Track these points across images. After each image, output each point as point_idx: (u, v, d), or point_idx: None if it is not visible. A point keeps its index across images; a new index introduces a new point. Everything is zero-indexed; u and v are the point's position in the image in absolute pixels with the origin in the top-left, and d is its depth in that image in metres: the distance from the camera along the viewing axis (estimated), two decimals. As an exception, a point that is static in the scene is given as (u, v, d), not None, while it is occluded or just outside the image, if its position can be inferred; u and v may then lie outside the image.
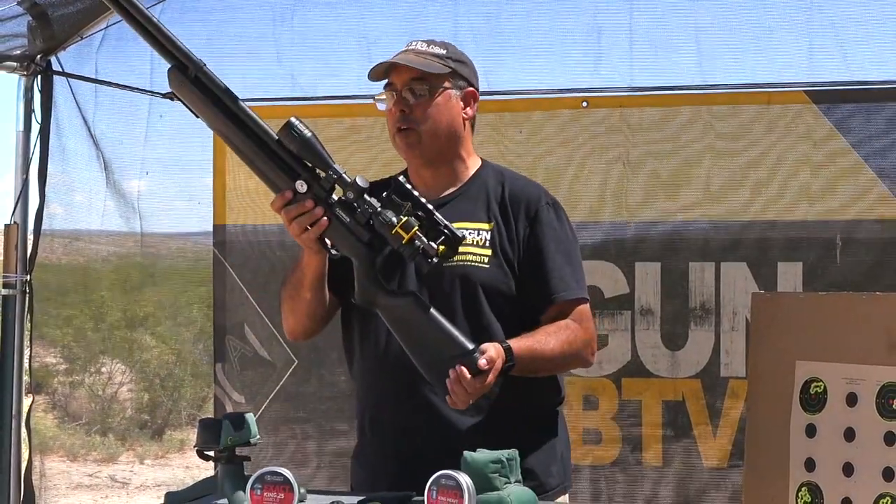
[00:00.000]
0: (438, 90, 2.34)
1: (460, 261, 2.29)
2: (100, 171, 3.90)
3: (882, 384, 2.12)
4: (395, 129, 2.37)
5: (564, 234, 2.38)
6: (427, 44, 2.38)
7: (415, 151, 2.37)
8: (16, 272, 3.64)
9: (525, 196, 2.37)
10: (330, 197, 2.20)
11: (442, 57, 2.36)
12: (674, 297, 3.51)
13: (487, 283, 2.30)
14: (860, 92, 3.41)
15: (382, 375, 2.35)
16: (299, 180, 2.19)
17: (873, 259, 3.39)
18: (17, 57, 3.61)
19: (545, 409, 2.42)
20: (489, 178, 2.41)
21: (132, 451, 8.16)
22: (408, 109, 2.34)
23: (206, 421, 2.18)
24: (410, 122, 2.34)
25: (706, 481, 3.49)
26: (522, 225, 2.34)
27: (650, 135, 3.55)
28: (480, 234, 2.34)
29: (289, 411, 3.76)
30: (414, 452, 2.29)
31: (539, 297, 2.32)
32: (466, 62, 2.42)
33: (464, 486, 1.93)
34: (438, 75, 2.34)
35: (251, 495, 2.04)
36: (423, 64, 2.33)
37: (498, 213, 2.35)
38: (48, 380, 5.00)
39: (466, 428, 2.29)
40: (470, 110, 2.40)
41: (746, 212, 3.49)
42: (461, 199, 2.38)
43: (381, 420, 2.40)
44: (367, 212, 2.17)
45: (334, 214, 2.18)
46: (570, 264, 2.36)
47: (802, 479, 2.21)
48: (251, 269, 3.79)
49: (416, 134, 2.34)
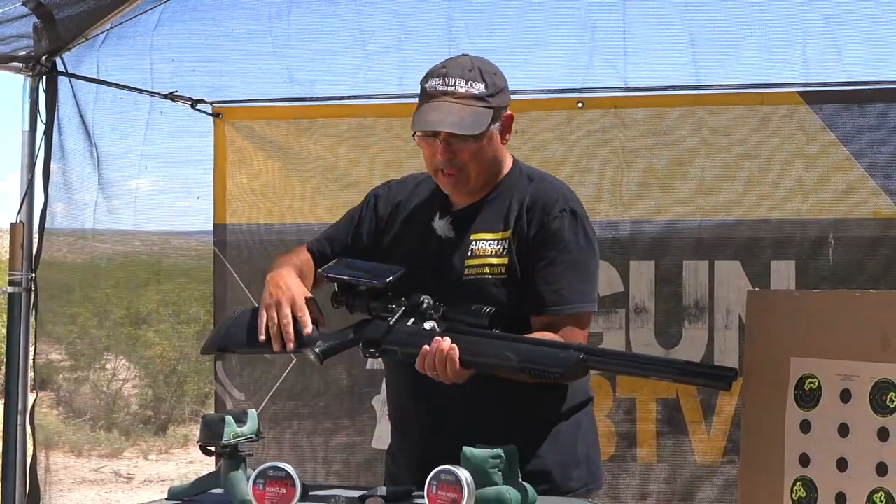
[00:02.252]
0: (484, 136, 2.28)
1: (477, 274, 2.30)
2: (103, 170, 3.92)
3: (876, 380, 2.12)
4: (438, 169, 2.32)
5: (575, 242, 2.31)
6: (466, 81, 2.27)
7: (461, 191, 2.34)
8: (21, 270, 3.66)
9: (542, 202, 2.32)
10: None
11: (482, 98, 2.27)
12: (668, 296, 3.53)
13: (503, 294, 2.29)
14: (852, 91, 3.43)
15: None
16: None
17: (865, 256, 3.42)
18: (23, 58, 3.61)
19: (564, 411, 2.38)
20: (516, 184, 2.37)
21: (136, 447, 8.19)
22: (452, 155, 2.28)
23: (208, 417, 2.19)
24: (456, 165, 2.29)
25: (700, 477, 3.52)
26: (534, 230, 2.30)
27: (645, 134, 3.57)
28: (499, 243, 2.32)
29: (289, 407, 3.78)
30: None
31: (529, 308, 2.30)
32: (504, 88, 2.33)
33: (463, 481, 1.95)
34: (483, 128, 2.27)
35: (253, 490, 2.05)
36: (468, 126, 2.25)
37: (517, 220, 2.32)
38: (53, 376, 5.02)
39: (482, 428, 2.26)
40: (509, 136, 2.35)
41: (739, 210, 3.51)
42: (487, 208, 2.36)
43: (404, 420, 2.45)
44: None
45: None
46: (572, 275, 2.30)
47: (797, 474, 2.21)
48: (251, 268, 3.80)
49: (464, 174, 2.30)
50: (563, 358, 2.09)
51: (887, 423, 2.09)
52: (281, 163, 3.85)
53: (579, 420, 2.40)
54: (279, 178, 3.86)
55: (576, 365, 2.09)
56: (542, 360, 2.10)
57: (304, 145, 3.83)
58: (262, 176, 3.88)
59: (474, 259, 2.31)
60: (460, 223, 2.36)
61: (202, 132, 3.93)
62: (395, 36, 3.57)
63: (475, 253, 2.32)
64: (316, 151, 3.81)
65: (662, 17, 3.51)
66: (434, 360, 2.13)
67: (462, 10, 3.60)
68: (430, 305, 2.20)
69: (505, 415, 2.29)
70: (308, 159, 3.83)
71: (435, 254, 2.35)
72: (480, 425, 2.25)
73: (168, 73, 3.80)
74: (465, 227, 2.35)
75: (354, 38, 3.67)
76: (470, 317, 2.19)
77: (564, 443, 2.35)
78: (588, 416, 2.44)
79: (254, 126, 3.89)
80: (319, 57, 3.74)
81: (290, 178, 3.85)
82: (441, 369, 2.13)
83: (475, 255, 2.32)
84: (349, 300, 2.26)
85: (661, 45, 3.53)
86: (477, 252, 2.32)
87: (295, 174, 3.84)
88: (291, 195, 3.80)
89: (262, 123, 3.89)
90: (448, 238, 2.35)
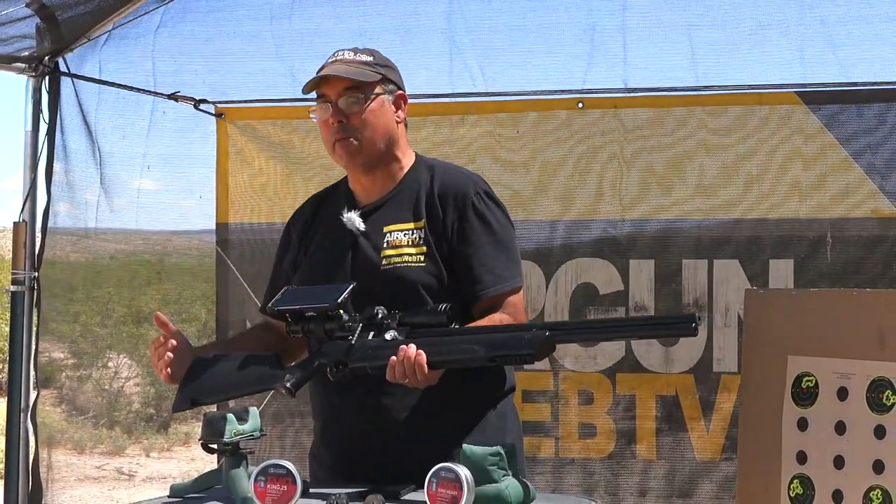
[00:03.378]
0: (372, 97, 2.37)
1: (396, 262, 2.34)
2: (105, 170, 3.93)
3: (872, 378, 2.14)
4: (333, 140, 2.39)
5: (497, 223, 2.38)
6: (353, 52, 2.42)
7: (356, 160, 2.40)
8: (24, 269, 3.67)
9: (454, 189, 2.37)
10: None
11: (370, 64, 2.40)
12: (667, 294, 3.54)
13: (424, 281, 2.32)
14: (850, 92, 3.44)
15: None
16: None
17: (863, 255, 3.43)
18: (26, 58, 3.62)
19: (492, 399, 2.40)
20: (421, 175, 2.42)
21: (138, 444, 8.21)
22: (344, 119, 2.36)
23: (210, 415, 2.20)
24: (349, 131, 2.37)
25: (699, 474, 3.53)
26: (451, 218, 2.35)
27: (645, 135, 3.58)
28: (414, 233, 2.36)
29: (290, 405, 3.79)
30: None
31: (470, 292, 2.34)
32: (393, 67, 2.46)
33: (463, 478, 1.95)
34: (370, 83, 2.37)
35: (255, 487, 2.06)
36: (354, 73, 2.36)
37: (429, 208, 2.37)
38: (56, 374, 5.03)
39: (410, 420, 2.31)
40: (402, 113, 2.43)
41: (738, 210, 3.52)
42: (394, 201, 2.41)
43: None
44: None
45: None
46: (501, 254, 2.36)
47: (794, 471, 2.23)
48: (253, 267, 3.81)
49: (356, 142, 2.38)
50: (529, 339, 2.11)
51: (884, 421, 2.12)
52: (283, 162, 3.87)
53: (505, 410, 2.42)
54: (281, 178, 3.88)
55: (543, 343, 2.12)
56: (511, 345, 2.12)
57: (305, 145, 3.85)
58: (264, 175, 3.90)
59: (390, 249, 2.35)
60: (371, 218, 2.40)
61: (204, 132, 3.95)
62: (395, 37, 3.58)
63: (391, 244, 2.36)
64: (317, 151, 3.82)
65: (662, 19, 3.52)
66: (404, 369, 2.15)
67: (462, 12, 3.61)
68: (385, 315, 2.22)
69: (433, 404, 2.30)
70: (309, 159, 3.84)
71: (350, 248, 2.39)
72: (408, 416, 2.30)
73: (170, 73, 3.82)
74: (376, 221, 2.39)
75: (355, 39, 3.68)
76: (427, 317, 2.21)
77: (492, 433, 2.35)
78: (512, 407, 2.46)
79: (256, 126, 3.91)
80: (321, 57, 3.72)
81: (291, 177, 3.86)
82: (411, 376, 2.15)
83: (391, 245, 2.36)
84: (304, 327, 2.27)
85: (660, 46, 3.54)
86: (392, 243, 2.36)
87: (297, 174, 3.86)
88: (293, 194, 3.81)
89: (263, 123, 3.90)
90: (360, 232, 2.39)
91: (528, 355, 2.12)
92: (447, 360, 2.16)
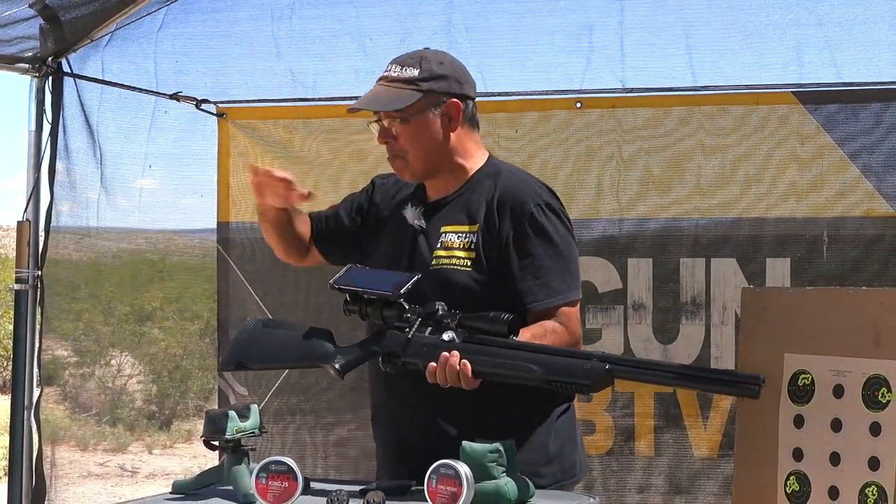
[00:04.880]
0: (412, 118, 2.36)
1: (444, 264, 2.35)
2: (108, 169, 3.95)
3: (868, 376, 2.14)
4: (388, 156, 2.44)
5: (556, 234, 2.35)
6: (401, 66, 2.38)
7: (406, 175, 2.44)
8: (28, 268, 3.69)
9: (512, 198, 2.36)
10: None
11: (413, 81, 2.35)
12: (665, 292, 3.55)
13: (467, 285, 2.32)
14: (846, 92, 3.45)
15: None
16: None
17: (859, 254, 3.44)
18: (29, 59, 3.64)
19: (530, 409, 2.39)
20: (486, 179, 2.41)
21: (141, 441, 8.22)
22: (391, 140, 2.39)
23: (212, 412, 2.21)
24: (396, 151, 2.40)
25: (697, 470, 3.54)
26: (507, 227, 2.33)
27: (643, 135, 3.60)
28: (467, 236, 2.36)
29: (292, 402, 3.81)
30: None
31: (520, 303, 2.32)
32: (444, 75, 2.39)
33: (462, 475, 1.97)
34: (408, 106, 2.35)
35: (256, 484, 2.07)
36: (388, 102, 2.35)
37: (487, 214, 2.36)
38: (59, 372, 5.04)
39: (448, 425, 2.33)
40: (455, 122, 2.40)
41: (736, 209, 3.53)
42: (457, 202, 2.42)
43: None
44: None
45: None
46: (558, 266, 2.34)
47: (791, 468, 2.23)
48: (254, 265, 3.84)
49: (403, 160, 2.40)
50: (588, 370, 2.08)
51: (879, 418, 2.11)
52: (283, 162, 3.88)
53: (554, 419, 2.41)
54: (282, 177, 3.89)
55: (602, 376, 2.08)
56: (569, 372, 2.09)
57: (306, 145, 3.87)
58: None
59: (442, 250, 2.37)
60: (432, 215, 2.42)
61: (206, 132, 3.97)
62: (395, 37, 3.59)
63: (444, 244, 2.37)
64: (318, 151, 3.85)
65: (659, 20, 3.54)
66: (445, 376, 2.14)
67: (461, 12, 3.63)
68: (445, 313, 2.21)
69: (476, 411, 2.29)
70: (310, 158, 3.86)
71: (410, 241, 2.42)
72: (448, 419, 2.32)
73: (172, 73, 3.84)
74: (437, 219, 2.41)
75: (355, 40, 3.71)
76: (488, 324, 2.18)
77: (536, 440, 2.36)
78: (565, 415, 2.46)
79: (257, 126, 3.93)
80: (321, 58, 3.77)
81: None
82: (454, 382, 2.15)
83: (444, 246, 2.37)
84: (361, 309, 2.26)
85: (658, 47, 3.56)
86: (445, 244, 2.37)
87: (297, 173, 3.86)
88: (294, 194, 3.82)
89: (265, 123, 3.92)
90: (421, 228, 2.42)
91: (586, 386, 2.09)
92: (501, 373, 2.14)
